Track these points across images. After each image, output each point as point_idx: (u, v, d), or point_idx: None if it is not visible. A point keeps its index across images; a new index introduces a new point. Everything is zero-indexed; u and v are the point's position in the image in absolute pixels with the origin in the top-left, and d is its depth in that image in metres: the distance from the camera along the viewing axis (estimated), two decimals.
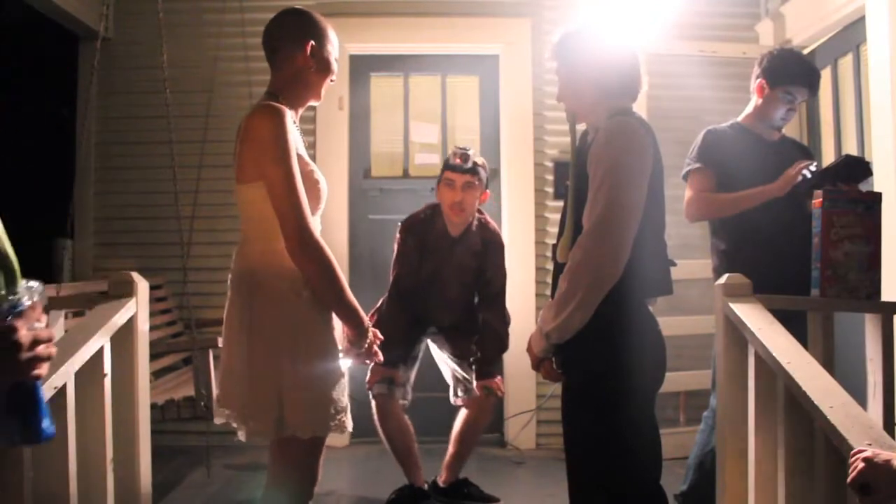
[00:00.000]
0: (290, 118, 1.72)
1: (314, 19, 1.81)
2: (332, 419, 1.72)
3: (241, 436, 1.75)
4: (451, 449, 2.96)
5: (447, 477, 2.97)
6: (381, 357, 1.86)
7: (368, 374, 2.88)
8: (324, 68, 1.81)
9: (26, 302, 0.96)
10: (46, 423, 1.01)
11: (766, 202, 2.37)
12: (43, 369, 0.96)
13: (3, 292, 0.94)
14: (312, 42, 1.77)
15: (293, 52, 1.77)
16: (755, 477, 1.91)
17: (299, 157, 1.72)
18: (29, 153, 3.99)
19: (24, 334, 0.93)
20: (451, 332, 2.99)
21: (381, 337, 1.86)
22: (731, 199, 2.42)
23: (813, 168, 2.35)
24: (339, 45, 1.87)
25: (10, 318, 0.93)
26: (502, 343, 2.98)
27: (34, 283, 0.98)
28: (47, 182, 3.91)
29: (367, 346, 1.79)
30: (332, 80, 1.85)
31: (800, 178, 2.33)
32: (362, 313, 1.78)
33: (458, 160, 2.81)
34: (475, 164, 2.82)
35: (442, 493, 2.96)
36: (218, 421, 1.78)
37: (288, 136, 1.67)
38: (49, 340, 0.96)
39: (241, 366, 1.71)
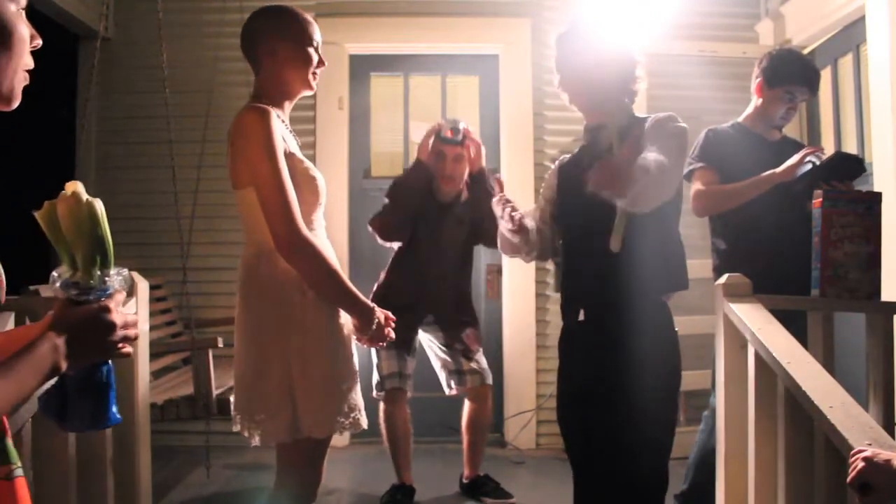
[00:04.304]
0: (276, 117, 1.69)
1: (282, 13, 1.77)
2: (346, 417, 1.71)
3: (256, 441, 1.70)
4: (464, 442, 3.07)
5: (468, 472, 3.07)
6: (392, 335, 1.80)
7: (376, 372, 2.93)
8: (301, 61, 1.77)
9: (114, 286, 1.00)
10: (115, 409, 1.04)
11: (765, 203, 2.37)
12: (129, 349, 1.00)
13: (98, 273, 0.98)
14: (280, 37, 1.74)
15: (265, 51, 1.75)
16: (755, 477, 1.91)
17: (291, 154, 1.69)
18: (29, 153, 3.98)
19: (116, 315, 0.96)
20: (445, 322, 3.03)
21: (393, 317, 1.81)
22: (738, 188, 2.41)
23: (815, 160, 2.34)
24: (320, 32, 1.80)
25: (102, 298, 0.97)
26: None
27: (124, 271, 1.02)
28: (47, 182, 3.89)
29: (375, 328, 1.74)
30: (322, 67, 1.81)
31: (805, 164, 2.33)
32: (365, 300, 1.75)
33: (449, 133, 2.91)
34: (464, 136, 2.93)
35: (464, 488, 3.08)
36: (236, 428, 1.74)
37: (273, 135, 1.64)
38: (135, 324, 1.00)
39: (253, 370, 1.69)
